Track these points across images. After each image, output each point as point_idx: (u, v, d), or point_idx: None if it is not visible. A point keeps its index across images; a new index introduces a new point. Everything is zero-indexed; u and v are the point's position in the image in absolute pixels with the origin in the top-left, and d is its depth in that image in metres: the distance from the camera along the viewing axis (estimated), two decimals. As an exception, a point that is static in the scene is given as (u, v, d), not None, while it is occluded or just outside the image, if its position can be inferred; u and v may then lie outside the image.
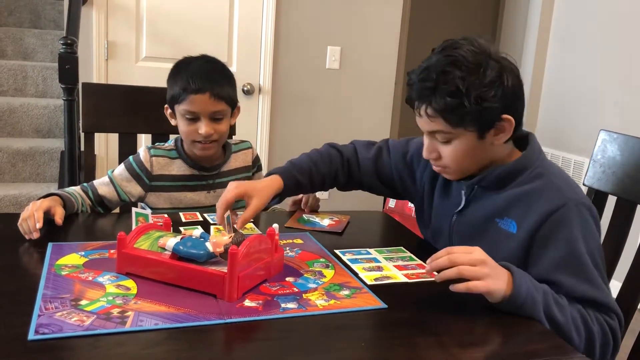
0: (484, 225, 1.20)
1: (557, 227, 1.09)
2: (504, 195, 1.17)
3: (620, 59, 3.20)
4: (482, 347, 0.91)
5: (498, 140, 1.14)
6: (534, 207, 1.12)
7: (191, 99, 1.45)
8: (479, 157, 1.17)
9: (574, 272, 1.08)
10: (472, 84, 1.07)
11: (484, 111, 1.08)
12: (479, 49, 1.10)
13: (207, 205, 1.57)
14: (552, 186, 1.13)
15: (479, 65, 1.07)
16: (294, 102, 3.29)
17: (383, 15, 3.37)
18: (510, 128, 1.12)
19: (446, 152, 1.16)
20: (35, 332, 0.81)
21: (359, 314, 0.97)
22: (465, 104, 1.07)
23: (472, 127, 1.11)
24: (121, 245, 1.04)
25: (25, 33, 3.43)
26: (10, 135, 2.95)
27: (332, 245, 1.27)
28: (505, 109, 1.10)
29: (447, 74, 1.07)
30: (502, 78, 1.09)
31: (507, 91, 1.09)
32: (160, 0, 2.98)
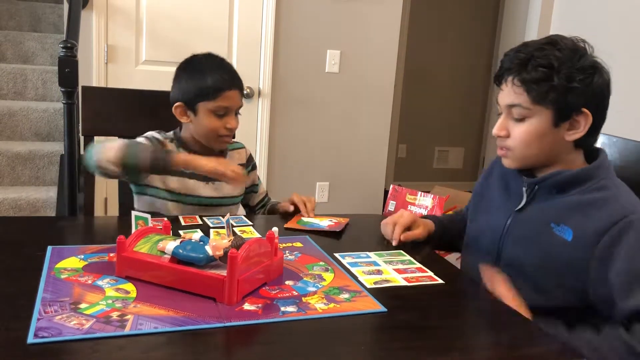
0: (539, 228, 1.17)
1: (617, 241, 1.05)
2: (564, 200, 1.15)
3: (619, 62, 3.20)
4: (482, 350, 0.91)
5: (570, 135, 1.13)
6: (594, 218, 1.09)
7: (226, 95, 1.50)
8: (546, 147, 1.16)
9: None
10: (565, 63, 1.09)
11: (569, 92, 1.09)
12: (580, 44, 1.14)
13: (204, 195, 1.58)
14: (615, 199, 1.10)
15: (575, 51, 1.11)
16: (293, 105, 3.29)
17: (383, 19, 3.38)
18: (586, 126, 1.12)
19: (517, 131, 1.16)
20: (35, 335, 0.81)
21: (359, 317, 0.97)
22: (554, 78, 1.09)
23: (551, 107, 1.11)
24: (121, 248, 1.04)
25: (25, 36, 3.44)
26: (10, 138, 2.95)
27: (331, 248, 1.27)
28: (588, 103, 1.10)
29: (544, 50, 1.11)
30: (594, 72, 1.11)
31: (595, 87, 1.10)
32: (160, 4, 2.98)
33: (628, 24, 3.15)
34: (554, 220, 1.15)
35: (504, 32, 4.21)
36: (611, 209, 1.09)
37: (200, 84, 1.50)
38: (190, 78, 1.53)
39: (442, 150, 5.24)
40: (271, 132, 3.27)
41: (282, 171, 3.32)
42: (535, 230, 1.18)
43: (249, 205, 1.77)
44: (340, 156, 3.46)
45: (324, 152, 3.43)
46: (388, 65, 3.46)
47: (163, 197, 1.55)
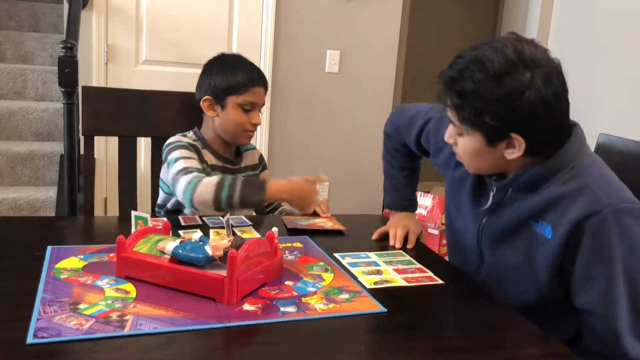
0: (519, 228, 1.14)
1: (589, 235, 1.03)
2: (538, 196, 1.10)
3: (619, 63, 3.20)
4: (481, 351, 0.90)
5: (509, 155, 1.07)
6: (570, 211, 1.05)
7: (255, 90, 1.58)
8: (490, 161, 1.12)
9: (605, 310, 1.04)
10: (479, 93, 1.02)
11: (491, 118, 1.03)
12: (517, 57, 1.02)
13: None
14: (587, 189, 1.05)
15: (500, 75, 1.01)
16: (293, 105, 3.29)
17: (382, 20, 3.38)
18: (521, 147, 1.05)
19: (460, 143, 1.13)
20: (34, 335, 0.81)
21: (359, 317, 0.97)
22: (467, 109, 1.05)
23: (475, 133, 1.08)
24: (120, 248, 1.04)
25: (25, 36, 3.44)
26: (10, 138, 2.95)
27: (331, 248, 1.27)
28: (516, 128, 1.03)
29: (467, 71, 1.04)
30: (521, 96, 1.01)
31: (520, 110, 1.01)
32: (160, 5, 2.98)
33: (627, 26, 3.15)
34: (532, 217, 1.11)
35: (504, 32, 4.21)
36: (585, 200, 1.04)
37: (232, 79, 1.57)
38: (221, 73, 1.59)
39: (442, 150, 5.23)
40: (271, 132, 3.27)
41: (282, 171, 3.31)
42: (514, 230, 1.15)
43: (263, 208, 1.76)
44: (340, 156, 3.46)
45: (324, 152, 3.43)
46: (388, 65, 3.46)
47: None
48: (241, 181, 1.43)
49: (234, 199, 1.40)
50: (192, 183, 1.42)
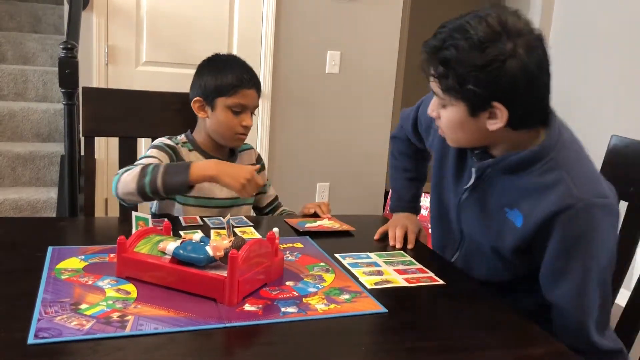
0: (493, 213, 1.17)
1: (560, 227, 1.05)
2: (516, 185, 1.12)
3: (620, 62, 3.20)
4: (482, 351, 0.90)
5: (491, 125, 1.08)
6: (542, 204, 1.06)
7: (244, 92, 1.55)
8: (473, 133, 1.11)
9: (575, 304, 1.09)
10: (462, 61, 1.02)
11: (474, 84, 1.03)
12: (500, 26, 1.02)
13: (221, 197, 1.58)
14: (562, 183, 1.06)
15: (483, 43, 1.01)
16: (294, 106, 3.29)
17: (383, 20, 3.38)
18: (503, 117, 1.05)
19: (442, 116, 1.13)
20: (35, 336, 0.81)
21: (359, 318, 0.97)
22: (449, 77, 1.05)
23: (460, 100, 1.07)
24: (121, 249, 1.04)
25: (25, 37, 3.44)
26: (11, 139, 2.95)
27: (332, 249, 1.27)
28: (498, 96, 1.04)
29: (450, 40, 1.04)
30: (503, 64, 1.01)
31: (502, 79, 1.01)
32: (161, 5, 2.98)
33: (628, 26, 3.15)
34: (507, 204, 1.14)
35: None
36: (561, 193, 1.05)
37: (221, 80, 1.54)
38: (211, 74, 1.57)
39: (442, 151, 5.23)
40: (271, 133, 3.27)
41: (283, 172, 3.32)
42: (489, 213, 1.19)
43: (258, 207, 1.76)
44: (340, 157, 3.46)
45: (325, 153, 3.43)
46: (388, 65, 3.46)
47: (179, 202, 1.55)
48: (165, 165, 1.39)
49: (157, 184, 1.35)
50: (118, 174, 1.40)
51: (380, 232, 1.43)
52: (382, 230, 1.43)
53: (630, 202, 1.34)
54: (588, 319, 1.08)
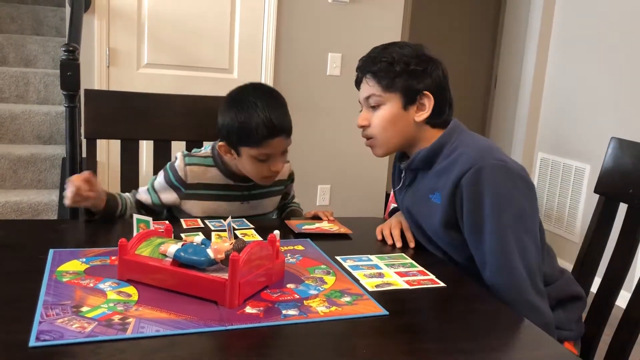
0: (422, 202, 1.34)
1: (466, 189, 1.20)
2: (433, 173, 1.31)
3: (621, 65, 3.20)
4: (484, 354, 0.90)
5: (419, 116, 1.31)
6: (450, 176, 1.24)
7: (269, 143, 1.40)
8: (401, 129, 1.32)
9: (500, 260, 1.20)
10: (404, 54, 1.30)
11: (410, 77, 1.28)
12: (422, 46, 1.34)
13: (240, 215, 1.52)
14: (464, 155, 1.24)
15: (414, 48, 1.32)
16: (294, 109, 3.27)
17: (384, 22, 3.38)
18: (430, 106, 1.30)
19: (375, 119, 1.33)
20: (36, 338, 0.81)
21: (360, 320, 0.97)
22: (395, 68, 1.29)
23: (399, 92, 1.30)
24: (122, 251, 1.04)
25: (27, 40, 3.44)
26: (12, 141, 2.96)
27: (333, 251, 1.28)
28: (429, 87, 1.29)
29: (387, 49, 1.33)
30: (431, 64, 1.31)
31: (433, 75, 1.30)
32: (162, 8, 2.99)
33: (628, 29, 3.15)
34: (430, 191, 1.31)
35: (505, 35, 4.22)
36: (461, 162, 1.23)
37: (244, 129, 1.39)
38: (234, 118, 1.41)
39: (443, 153, 5.23)
40: (272, 135, 3.27)
41: (284, 174, 3.32)
42: (420, 204, 1.35)
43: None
44: (341, 159, 3.46)
45: (325, 155, 3.43)
46: (389, 68, 3.46)
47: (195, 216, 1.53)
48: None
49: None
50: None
51: (378, 232, 1.44)
52: (379, 231, 1.44)
53: (629, 203, 1.34)
54: (518, 276, 1.18)
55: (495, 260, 1.20)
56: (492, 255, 1.20)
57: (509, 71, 4.11)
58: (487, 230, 1.20)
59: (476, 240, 1.23)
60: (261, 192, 1.59)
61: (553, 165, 3.69)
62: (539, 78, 3.78)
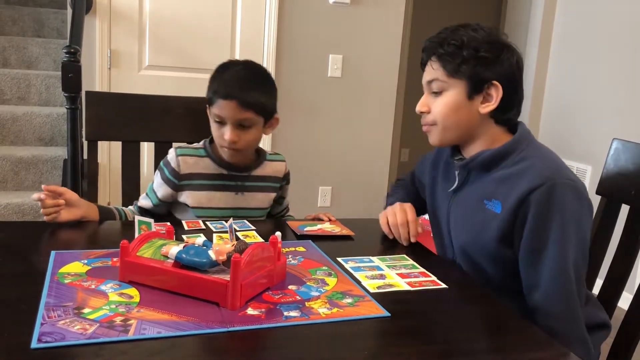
0: (475, 207, 1.25)
1: (534, 205, 1.13)
2: (492, 177, 1.23)
3: (622, 66, 3.20)
4: (486, 355, 0.90)
5: (484, 108, 1.22)
6: (517, 187, 1.16)
7: (220, 103, 1.45)
8: (463, 120, 1.24)
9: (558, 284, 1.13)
10: (475, 38, 1.20)
11: (478, 63, 1.19)
12: (495, 30, 1.24)
13: (234, 207, 1.56)
14: (533, 167, 1.17)
15: (487, 32, 1.22)
16: (296, 110, 3.30)
17: (385, 24, 3.38)
18: (497, 98, 1.20)
19: (436, 105, 1.25)
20: (38, 340, 0.81)
21: (362, 322, 0.96)
22: (463, 52, 1.19)
23: (464, 79, 1.20)
24: (124, 253, 1.04)
25: (28, 42, 3.45)
26: (13, 143, 2.96)
27: (334, 253, 1.27)
28: (499, 77, 1.20)
29: (458, 31, 1.22)
30: (503, 48, 1.21)
31: (504, 61, 1.20)
32: (163, 9, 2.99)
33: (630, 30, 3.15)
34: (486, 196, 1.22)
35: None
36: (531, 176, 1.15)
37: (210, 87, 1.49)
38: (210, 81, 1.51)
39: (444, 154, 5.23)
40: (273, 136, 3.28)
41: (285, 175, 3.32)
42: (471, 209, 1.26)
43: (269, 213, 1.74)
44: (342, 161, 3.46)
45: (327, 157, 3.43)
46: (390, 69, 3.46)
47: (195, 212, 1.55)
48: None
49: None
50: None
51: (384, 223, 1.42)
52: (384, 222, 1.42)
53: (631, 205, 1.34)
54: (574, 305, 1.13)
55: (555, 283, 1.13)
56: (552, 277, 1.13)
57: (510, 72, 4.10)
58: (550, 251, 1.13)
59: (534, 260, 1.15)
60: (255, 185, 1.60)
61: (554, 167, 3.68)
62: (540, 79, 3.79)
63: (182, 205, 1.56)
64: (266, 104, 1.49)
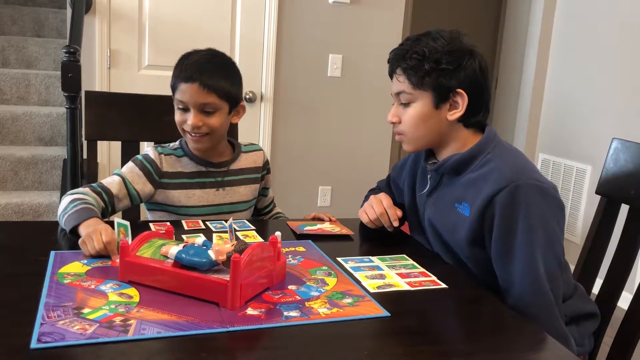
0: (447, 210, 1.28)
1: (500, 207, 1.15)
2: (462, 181, 1.26)
3: (622, 66, 3.20)
4: (486, 355, 0.90)
5: (451, 115, 1.24)
6: (483, 190, 1.18)
7: (182, 88, 1.45)
8: (433, 128, 1.26)
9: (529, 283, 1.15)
10: (435, 50, 1.21)
11: (441, 75, 1.20)
12: (456, 34, 1.24)
13: (217, 203, 1.56)
14: (497, 170, 1.19)
15: (449, 40, 1.22)
16: (295, 110, 3.30)
17: (384, 24, 3.38)
18: (463, 105, 1.23)
19: (405, 116, 1.27)
20: (38, 340, 0.81)
21: (362, 322, 0.96)
22: (425, 65, 1.21)
23: (430, 91, 1.22)
24: (124, 253, 1.04)
25: (28, 42, 3.45)
26: (13, 143, 2.96)
27: (334, 253, 1.27)
28: (462, 85, 1.22)
29: (419, 41, 1.24)
30: (467, 57, 1.22)
31: (467, 69, 1.22)
32: (163, 9, 2.99)
33: (628, 31, 3.15)
34: (457, 200, 1.26)
35: (506, 36, 4.22)
36: (497, 178, 1.17)
37: (173, 75, 1.51)
38: (174, 68, 1.53)
39: (444, 154, 5.23)
40: (273, 136, 3.28)
41: (285, 175, 3.32)
42: (444, 211, 1.29)
43: (256, 207, 1.74)
44: (342, 160, 3.46)
45: (326, 156, 3.43)
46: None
47: (176, 212, 1.54)
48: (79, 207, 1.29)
49: (61, 221, 1.31)
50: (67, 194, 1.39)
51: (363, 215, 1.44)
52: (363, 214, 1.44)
53: (631, 204, 1.34)
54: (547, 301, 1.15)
55: (525, 284, 1.15)
56: (522, 278, 1.15)
57: (509, 72, 4.11)
58: (518, 252, 1.15)
59: (504, 261, 1.18)
60: (235, 179, 1.59)
61: (554, 166, 3.69)
62: (539, 79, 3.78)
63: (161, 205, 1.55)
64: (230, 90, 1.48)
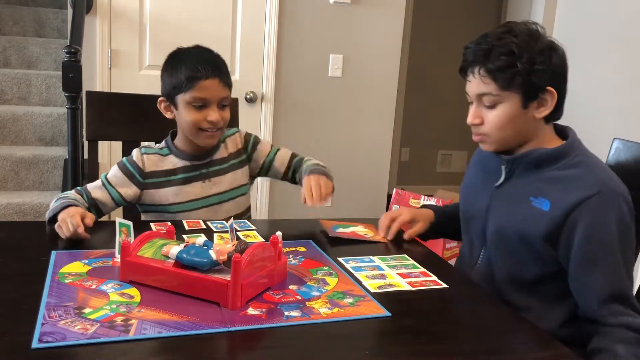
0: (518, 202, 1.23)
1: (589, 213, 1.12)
2: (542, 176, 1.21)
3: (622, 66, 3.20)
4: (486, 355, 0.90)
5: (539, 113, 1.20)
6: (572, 190, 1.15)
7: (201, 85, 1.43)
8: (519, 128, 1.22)
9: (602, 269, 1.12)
10: (525, 48, 1.15)
11: (533, 74, 1.15)
12: (534, 27, 1.20)
13: (205, 196, 1.56)
14: (591, 174, 1.16)
15: (532, 36, 1.17)
16: (296, 110, 3.29)
17: (385, 23, 3.38)
18: (552, 102, 1.19)
19: (490, 117, 1.22)
20: (39, 340, 0.81)
21: (363, 322, 0.97)
22: (517, 64, 1.14)
23: (519, 91, 1.17)
24: (125, 253, 1.04)
25: (29, 42, 3.45)
26: (14, 143, 2.96)
27: (335, 253, 1.27)
28: (551, 81, 1.18)
29: (503, 39, 1.16)
30: (551, 52, 1.18)
31: (555, 65, 1.18)
32: (164, 9, 2.99)
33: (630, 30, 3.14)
34: (533, 194, 1.21)
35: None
36: (588, 183, 1.15)
37: (176, 76, 1.46)
38: (168, 70, 1.49)
39: (445, 153, 5.24)
40: (274, 136, 3.27)
41: (285, 175, 3.31)
42: (515, 203, 1.24)
43: (284, 175, 1.70)
44: (343, 160, 3.46)
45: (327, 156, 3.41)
46: (391, 69, 3.46)
47: (167, 212, 1.54)
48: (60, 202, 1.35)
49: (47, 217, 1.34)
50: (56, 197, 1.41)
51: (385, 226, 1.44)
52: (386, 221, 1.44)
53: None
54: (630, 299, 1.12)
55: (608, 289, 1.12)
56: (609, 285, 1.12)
57: (510, 72, 4.10)
58: (607, 259, 1.12)
59: (587, 267, 1.13)
60: (220, 168, 1.58)
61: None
62: (540, 79, 3.78)
63: (152, 207, 1.55)
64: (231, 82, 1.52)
